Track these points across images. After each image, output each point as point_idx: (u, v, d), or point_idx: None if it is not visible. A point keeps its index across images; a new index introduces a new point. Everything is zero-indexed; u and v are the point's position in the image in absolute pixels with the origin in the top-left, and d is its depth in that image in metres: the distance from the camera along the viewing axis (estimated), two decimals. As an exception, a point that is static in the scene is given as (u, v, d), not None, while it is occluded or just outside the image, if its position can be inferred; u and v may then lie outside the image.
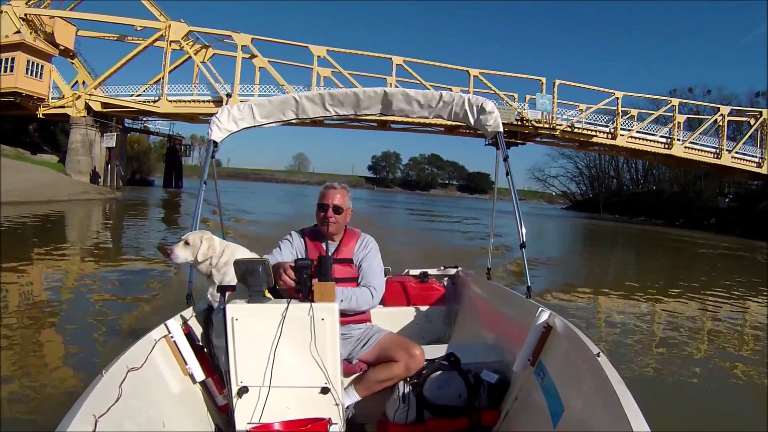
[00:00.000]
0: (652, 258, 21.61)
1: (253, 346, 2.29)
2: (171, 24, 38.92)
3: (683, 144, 42.83)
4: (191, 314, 2.81)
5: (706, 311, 9.07)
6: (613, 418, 1.57)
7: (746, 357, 6.53)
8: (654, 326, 7.91)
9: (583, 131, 42.27)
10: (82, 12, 40.18)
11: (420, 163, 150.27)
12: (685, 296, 10.39)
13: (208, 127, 3.45)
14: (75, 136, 38.17)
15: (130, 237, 15.50)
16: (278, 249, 2.89)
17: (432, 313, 3.99)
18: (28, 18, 38.17)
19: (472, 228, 23.81)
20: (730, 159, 42.87)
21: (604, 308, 9.05)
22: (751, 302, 10.37)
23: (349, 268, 2.84)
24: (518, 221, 3.22)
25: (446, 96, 3.42)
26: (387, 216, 32.45)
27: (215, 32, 41.14)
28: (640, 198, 67.36)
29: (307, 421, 2.30)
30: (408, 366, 2.62)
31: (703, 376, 5.56)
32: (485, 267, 4.19)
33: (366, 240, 2.97)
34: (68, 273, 8.90)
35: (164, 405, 2.22)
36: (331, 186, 2.90)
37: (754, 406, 4.90)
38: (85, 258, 10.60)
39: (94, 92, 39.09)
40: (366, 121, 41.86)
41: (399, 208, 48.60)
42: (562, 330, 2.33)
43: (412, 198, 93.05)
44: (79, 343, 5.24)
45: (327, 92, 3.45)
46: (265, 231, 15.38)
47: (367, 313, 2.93)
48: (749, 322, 8.67)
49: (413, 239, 16.77)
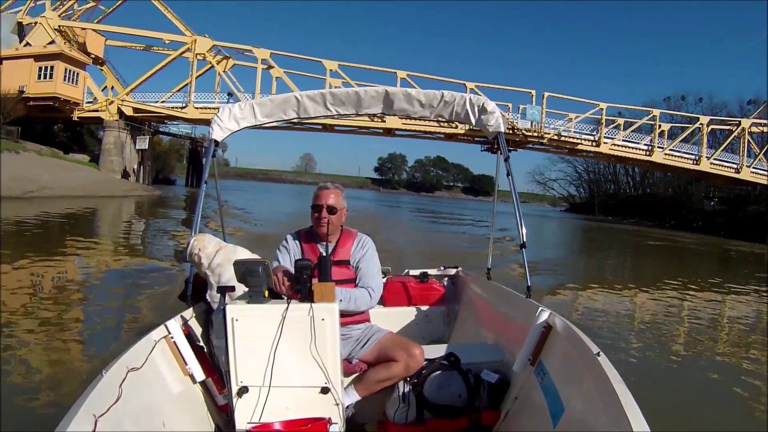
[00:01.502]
0: (612, 251, 23.88)
1: (253, 347, 2.26)
2: (197, 39, 42.01)
3: (663, 151, 45.62)
4: (191, 315, 2.76)
5: (654, 300, 10.01)
6: (613, 417, 1.54)
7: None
8: (615, 307, 9.02)
9: (569, 139, 45.28)
10: (114, 26, 43.60)
11: (425, 165, 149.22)
12: (633, 284, 12.09)
13: (210, 127, 3.35)
14: (108, 138, 41.09)
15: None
16: (277, 261, 2.78)
17: (432, 313, 3.92)
18: (62, 29, 41.31)
19: (484, 231, 24.24)
20: (708, 165, 45.68)
21: (570, 290, 10.26)
22: (689, 293, 11.23)
23: (346, 269, 2.75)
24: (518, 221, 3.15)
25: (447, 96, 3.32)
26: (394, 215, 34.32)
27: (237, 47, 44.30)
28: (635, 201, 69.13)
29: (307, 420, 2.27)
30: (408, 365, 2.56)
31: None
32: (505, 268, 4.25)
33: (363, 240, 2.88)
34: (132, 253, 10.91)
35: (164, 405, 2.19)
36: (324, 186, 2.81)
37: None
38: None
39: (126, 98, 42.04)
40: (372, 128, 44.86)
41: (405, 208, 50.07)
42: (562, 330, 2.29)
43: (417, 199, 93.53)
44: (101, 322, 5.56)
45: (328, 91, 3.35)
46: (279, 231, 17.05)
47: (366, 313, 2.84)
48: (688, 309, 9.31)
49: (420, 238, 17.39)
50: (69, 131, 45.53)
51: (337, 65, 42.91)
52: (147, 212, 24.29)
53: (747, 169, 45.01)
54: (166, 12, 42.74)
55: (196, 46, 41.81)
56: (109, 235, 14.58)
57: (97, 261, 9.57)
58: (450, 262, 4.43)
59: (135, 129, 42.49)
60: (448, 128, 43.69)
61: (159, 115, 43.17)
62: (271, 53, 42.71)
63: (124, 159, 41.04)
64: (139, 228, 17.05)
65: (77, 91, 41.17)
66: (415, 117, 3.60)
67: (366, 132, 47.17)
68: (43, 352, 4.57)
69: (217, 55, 43.58)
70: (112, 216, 20.92)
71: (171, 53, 43.19)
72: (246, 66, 44.62)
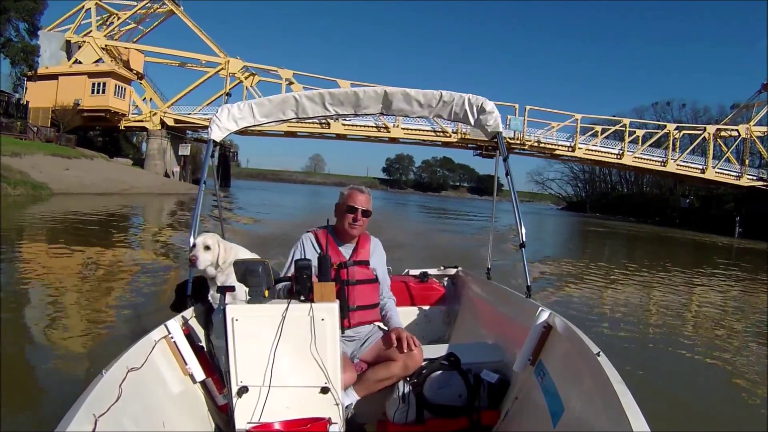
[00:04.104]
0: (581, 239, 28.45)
1: (253, 347, 2.19)
2: (230, 60, 45.84)
3: (633, 155, 49.47)
4: (191, 315, 2.71)
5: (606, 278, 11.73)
6: (613, 417, 1.53)
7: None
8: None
9: (548, 146, 49.13)
10: (155, 47, 47.72)
11: (432, 165, 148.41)
12: (589, 262, 14.63)
13: (209, 127, 3.26)
14: (152, 145, 45.44)
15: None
16: (290, 260, 2.69)
17: (432, 313, 3.90)
18: (108, 48, 45.32)
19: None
20: (675, 166, 49.35)
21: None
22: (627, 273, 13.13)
23: (367, 269, 2.71)
24: (518, 221, 3.06)
25: (446, 95, 3.20)
26: (403, 213, 37.33)
27: (264, 67, 47.55)
28: (626, 199, 73.14)
29: (307, 420, 2.22)
30: (406, 365, 2.49)
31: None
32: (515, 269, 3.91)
33: (376, 243, 2.85)
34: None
35: (164, 405, 2.16)
36: (358, 189, 2.76)
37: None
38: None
39: (167, 110, 46.33)
40: (380, 138, 49.01)
41: (412, 205, 53.82)
42: (562, 330, 2.25)
43: (425, 198, 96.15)
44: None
45: (327, 91, 3.25)
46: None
47: (377, 313, 2.77)
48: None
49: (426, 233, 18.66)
50: (107, 137, 49.34)
51: (350, 84, 44.80)
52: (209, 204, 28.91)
53: (712, 170, 48.54)
54: (200, 34, 47.00)
55: (228, 66, 45.81)
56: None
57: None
58: (452, 254, 4.19)
59: (175, 137, 46.69)
60: (443, 137, 47.90)
61: (195, 125, 47.45)
62: (293, 73, 46.29)
63: (165, 163, 45.19)
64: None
65: (124, 104, 45.22)
66: (414, 117, 3.55)
67: (375, 140, 50.83)
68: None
69: (245, 71, 47.42)
70: (189, 207, 23.50)
71: (205, 70, 47.16)
72: (269, 82, 48.18)
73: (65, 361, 4.30)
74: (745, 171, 49.89)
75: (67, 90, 42.80)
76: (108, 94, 44.27)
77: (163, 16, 49.80)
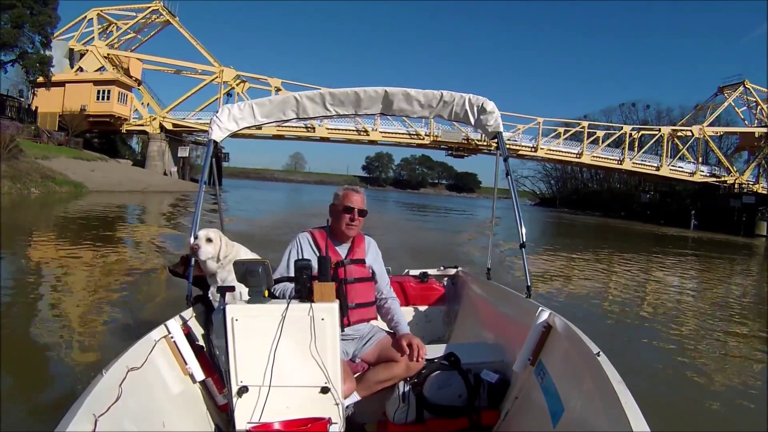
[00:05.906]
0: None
1: (253, 346, 2.15)
2: (224, 69, 48.09)
3: (592, 153, 52.68)
4: (191, 314, 2.66)
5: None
6: (613, 417, 1.52)
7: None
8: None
9: (512, 147, 51.62)
10: (155, 56, 49.77)
11: (411, 163, 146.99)
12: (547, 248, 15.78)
13: (210, 127, 3.18)
14: (153, 147, 47.19)
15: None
16: (286, 260, 2.60)
17: (432, 313, 3.87)
18: (110, 57, 46.87)
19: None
20: (631, 164, 53.33)
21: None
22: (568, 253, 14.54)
23: (363, 267, 2.65)
24: (518, 221, 3.01)
25: (447, 96, 3.16)
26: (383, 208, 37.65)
27: (256, 76, 49.71)
28: (594, 195, 76.16)
29: (307, 420, 2.19)
30: (408, 366, 2.43)
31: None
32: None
33: (370, 241, 2.76)
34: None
35: (164, 405, 2.13)
36: (353, 190, 2.69)
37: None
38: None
39: (166, 115, 47.90)
40: (359, 140, 51.85)
41: (392, 202, 54.80)
42: (562, 330, 2.21)
43: (404, 196, 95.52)
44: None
45: (327, 91, 3.19)
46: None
47: (374, 311, 2.71)
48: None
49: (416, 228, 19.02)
50: (104, 139, 50.64)
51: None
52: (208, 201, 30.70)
53: (666, 167, 52.20)
54: (195, 44, 49.56)
55: (222, 75, 48.10)
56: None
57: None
58: (444, 253, 3.94)
59: (173, 140, 48.64)
60: (417, 139, 51.02)
61: (193, 129, 49.63)
62: (282, 82, 48.47)
63: (164, 164, 46.95)
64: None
65: (126, 109, 46.87)
66: (415, 117, 3.48)
67: (356, 143, 53.42)
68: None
69: (237, 80, 49.53)
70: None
71: (200, 78, 49.31)
72: (258, 88, 50.35)
73: (67, 358, 4.27)
74: (698, 168, 53.58)
75: (73, 96, 44.69)
76: (112, 100, 46.42)
77: (160, 26, 52.19)
